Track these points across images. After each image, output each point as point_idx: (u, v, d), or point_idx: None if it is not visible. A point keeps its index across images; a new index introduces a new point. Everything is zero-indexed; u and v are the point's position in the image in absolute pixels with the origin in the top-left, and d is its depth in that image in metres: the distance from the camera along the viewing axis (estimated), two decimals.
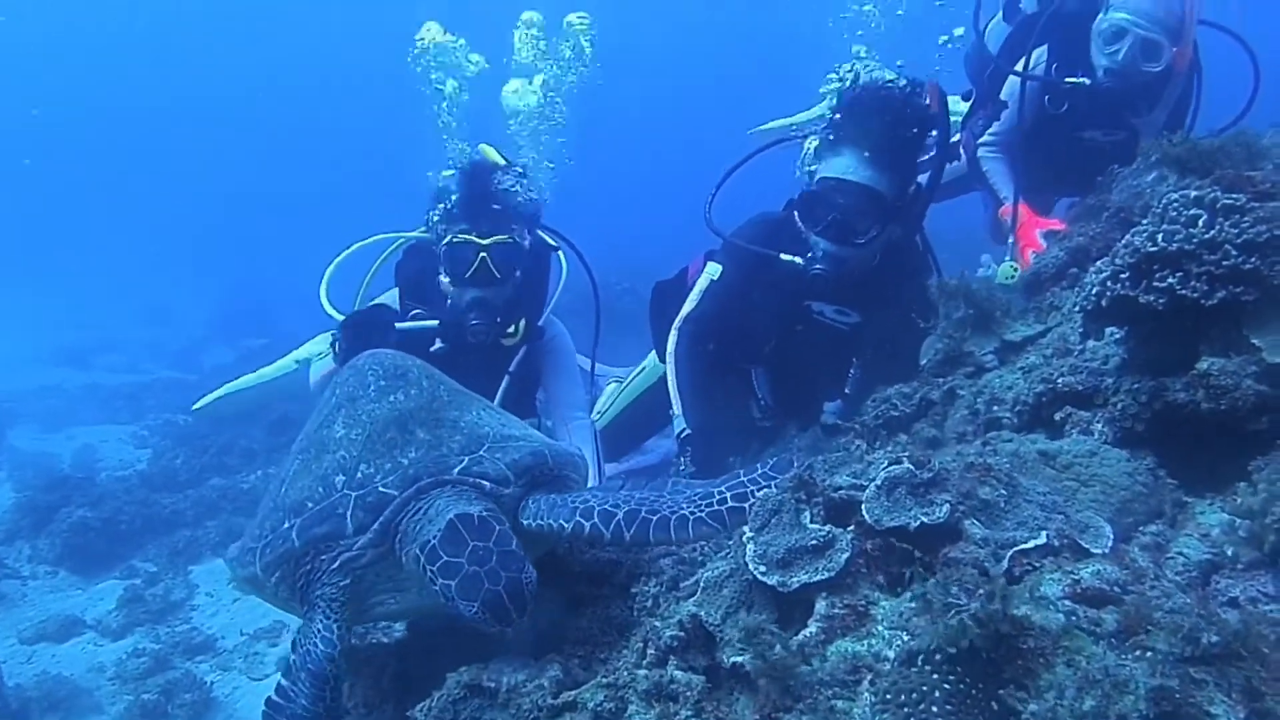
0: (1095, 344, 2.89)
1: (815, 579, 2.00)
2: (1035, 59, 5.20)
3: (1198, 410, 2.32)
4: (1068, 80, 5.00)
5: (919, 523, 1.98)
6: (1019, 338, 3.49)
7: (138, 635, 6.22)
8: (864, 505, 2.06)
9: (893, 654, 1.81)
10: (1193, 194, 2.33)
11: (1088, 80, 4.93)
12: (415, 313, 4.60)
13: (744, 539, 2.18)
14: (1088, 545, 1.98)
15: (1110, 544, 2.00)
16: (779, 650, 1.85)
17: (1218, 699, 1.54)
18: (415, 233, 4.87)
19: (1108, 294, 2.46)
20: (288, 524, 2.73)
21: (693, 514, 2.64)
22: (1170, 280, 2.30)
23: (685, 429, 4.24)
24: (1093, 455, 2.39)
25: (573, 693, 2.19)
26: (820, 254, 4.09)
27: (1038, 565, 1.91)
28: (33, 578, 7.02)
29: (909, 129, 3.95)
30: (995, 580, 1.75)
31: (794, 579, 2.02)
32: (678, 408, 4.31)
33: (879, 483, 2.08)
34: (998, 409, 3.06)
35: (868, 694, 1.74)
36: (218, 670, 5.81)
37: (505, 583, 2.39)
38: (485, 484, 2.74)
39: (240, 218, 37.65)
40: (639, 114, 39.52)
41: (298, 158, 41.26)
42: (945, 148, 4.13)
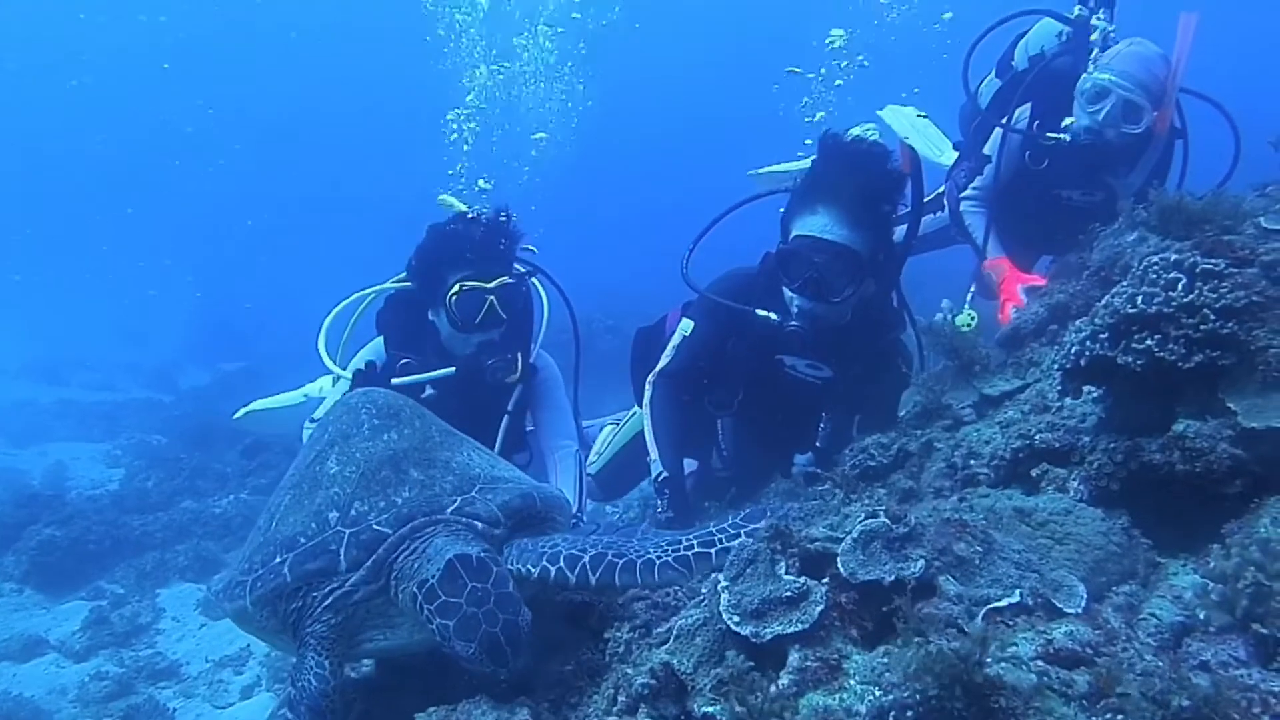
0: (1073, 402, 2.90)
1: (789, 630, 1.99)
2: (1019, 115, 5.27)
3: (1173, 471, 2.33)
4: (1049, 135, 5.08)
5: (894, 577, 1.98)
6: (997, 392, 3.51)
7: (102, 658, 6.12)
8: (839, 558, 2.05)
9: (864, 709, 1.80)
10: (1172, 257, 2.37)
11: (1068, 137, 5.00)
12: (404, 362, 4.62)
13: (719, 588, 2.17)
14: (1061, 605, 1.98)
15: (1084, 604, 2.00)
16: (751, 701, 1.84)
17: None
18: (392, 283, 4.93)
19: (1087, 353, 2.48)
20: (279, 558, 2.73)
21: (659, 558, 2.65)
22: (1149, 342, 2.32)
23: (662, 473, 4.26)
24: (1068, 513, 2.40)
25: None
26: (795, 310, 4.12)
27: (1011, 623, 1.91)
28: None
29: (881, 189, 4.00)
30: (972, 636, 1.74)
31: (767, 630, 2.01)
32: (654, 453, 4.33)
33: (855, 536, 2.08)
34: (975, 463, 3.07)
35: None
36: (181, 697, 5.72)
37: (502, 625, 2.41)
38: (477, 524, 2.76)
39: (220, 240, 37.63)
40: (620, 149, 39.78)
41: (278, 182, 41.29)
42: (919, 207, 4.19)
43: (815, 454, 4.51)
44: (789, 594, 2.05)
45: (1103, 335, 2.44)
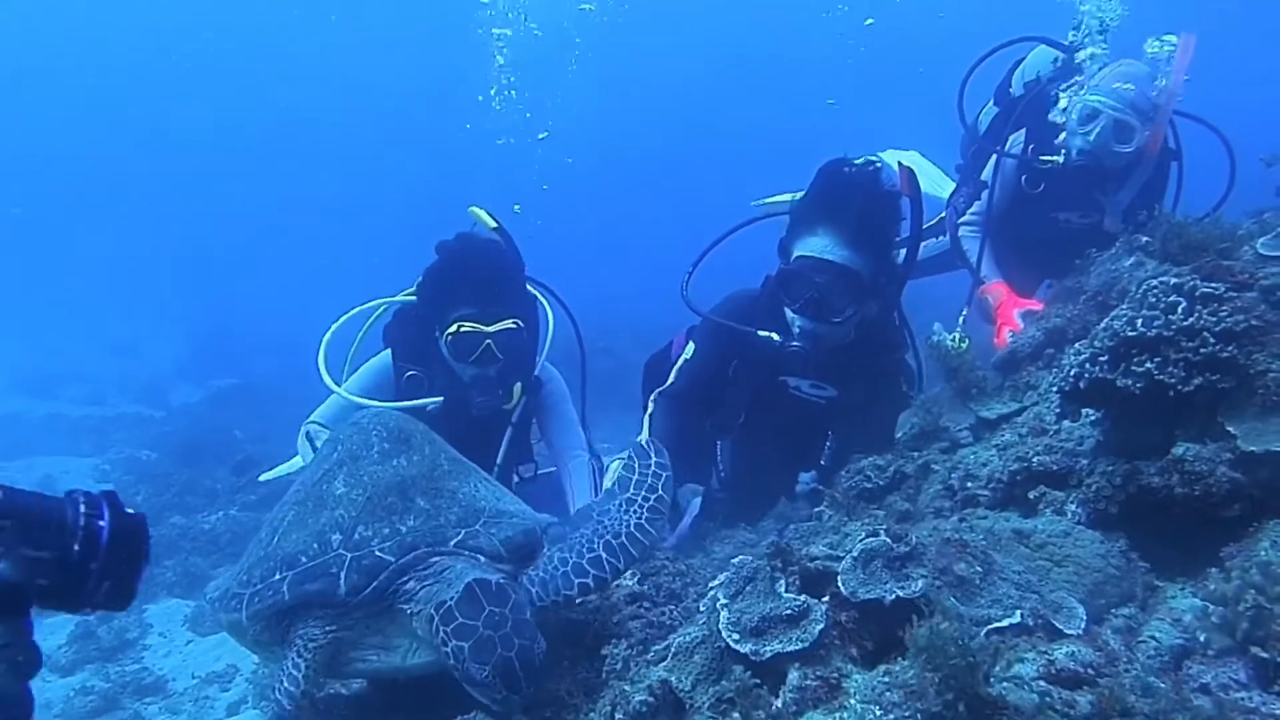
0: (1070, 425, 2.91)
1: (789, 649, 1.98)
2: (1014, 140, 5.31)
3: (1171, 495, 2.34)
4: (1043, 159, 5.11)
5: (894, 596, 1.98)
6: (994, 415, 3.52)
7: (87, 672, 6.04)
8: (840, 576, 2.05)
9: None
10: (1172, 281, 2.38)
11: (1061, 159, 5.04)
12: (411, 374, 4.61)
13: (718, 605, 2.17)
14: (1061, 626, 1.98)
15: (1083, 625, 2.00)
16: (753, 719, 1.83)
17: None
18: (401, 296, 4.89)
19: (1085, 376, 2.49)
20: (279, 576, 2.71)
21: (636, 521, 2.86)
22: (1148, 365, 2.33)
23: None
24: (1066, 535, 2.40)
25: None
26: (798, 331, 4.13)
27: (1011, 644, 1.91)
28: None
29: (880, 209, 4.02)
30: (977, 653, 1.74)
31: (767, 648, 2.01)
32: None
33: (855, 554, 2.08)
34: (972, 485, 3.07)
35: None
36: (166, 713, 5.64)
37: (519, 650, 2.41)
38: (480, 558, 2.75)
39: (212, 255, 37.47)
40: (621, 169, 39.93)
41: (270, 197, 41.28)
42: (919, 228, 4.20)
43: (819, 472, 4.51)
44: (789, 612, 2.05)
45: (1102, 358, 2.45)
